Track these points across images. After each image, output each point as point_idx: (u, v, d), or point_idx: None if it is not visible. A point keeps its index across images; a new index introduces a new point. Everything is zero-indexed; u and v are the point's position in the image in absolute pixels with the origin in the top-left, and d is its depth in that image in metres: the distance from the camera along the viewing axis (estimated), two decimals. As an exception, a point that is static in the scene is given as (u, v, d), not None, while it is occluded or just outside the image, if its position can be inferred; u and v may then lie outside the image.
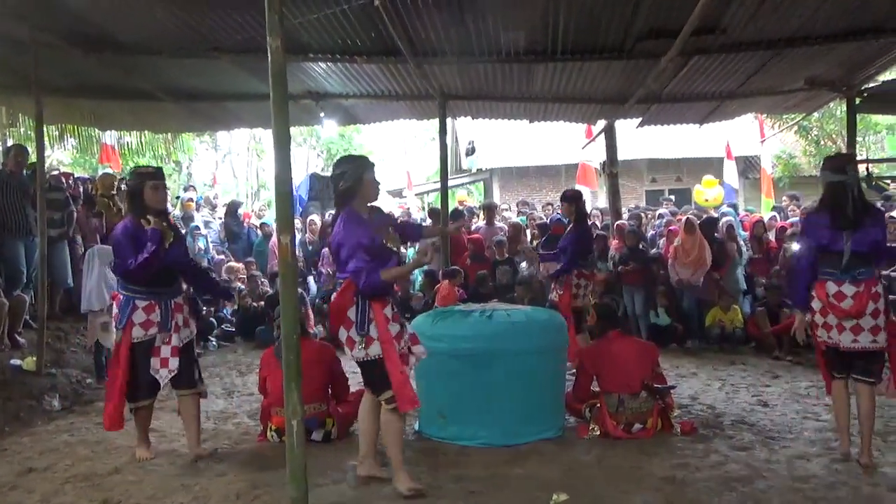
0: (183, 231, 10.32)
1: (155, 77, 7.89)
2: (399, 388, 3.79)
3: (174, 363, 4.45)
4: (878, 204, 10.61)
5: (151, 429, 5.19)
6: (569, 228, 7.24)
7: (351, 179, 3.90)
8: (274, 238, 8.73)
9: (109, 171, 10.70)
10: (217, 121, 10.05)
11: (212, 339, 8.95)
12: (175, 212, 11.16)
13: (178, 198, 11.86)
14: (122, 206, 9.28)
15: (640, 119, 9.70)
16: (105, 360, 7.05)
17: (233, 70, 7.44)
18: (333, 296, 4.05)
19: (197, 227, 10.55)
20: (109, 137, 11.44)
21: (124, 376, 4.42)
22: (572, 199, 7.22)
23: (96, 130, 10.57)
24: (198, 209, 11.65)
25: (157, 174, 4.58)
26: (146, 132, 11.25)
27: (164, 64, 7.38)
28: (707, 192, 13.72)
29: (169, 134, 11.66)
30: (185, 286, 4.79)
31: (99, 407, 5.98)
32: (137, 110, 9.20)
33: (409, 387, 3.85)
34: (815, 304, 4.28)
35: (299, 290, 9.25)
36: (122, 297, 4.47)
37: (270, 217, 11.37)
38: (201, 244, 10.34)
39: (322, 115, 9.23)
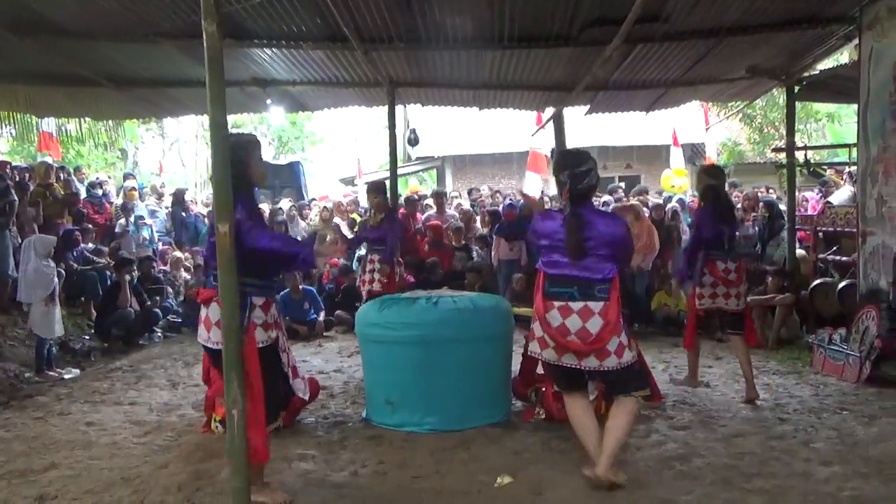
0: (125, 220, 10.17)
1: (94, 62, 7.64)
2: (654, 382, 4.20)
3: (301, 372, 3.79)
4: (816, 189, 10.96)
5: (90, 422, 5.12)
6: (382, 218, 7.24)
7: (595, 178, 3.71)
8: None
9: (48, 159, 10.38)
10: (161, 108, 9.81)
11: (157, 330, 8.78)
12: (116, 201, 10.91)
13: (121, 187, 11.55)
14: (59, 195, 9.05)
15: (587, 106, 9.80)
16: (47, 353, 6.87)
17: (176, 55, 7.26)
18: (600, 306, 3.56)
19: (141, 217, 10.32)
20: (48, 125, 11.08)
21: (261, 391, 3.47)
22: (378, 191, 7.16)
23: (34, 117, 10.23)
24: (141, 198, 11.39)
25: (259, 141, 3.85)
26: (87, 119, 10.92)
27: (103, 48, 7.17)
28: (675, 179, 14.20)
29: (111, 121, 11.34)
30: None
31: (39, 402, 5.84)
32: (77, 96, 8.91)
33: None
34: (707, 279, 5.53)
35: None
36: None
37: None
38: (146, 234, 10.13)
39: (269, 101, 9.09)
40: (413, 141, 14.74)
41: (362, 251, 8.67)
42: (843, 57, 9.81)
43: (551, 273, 3.67)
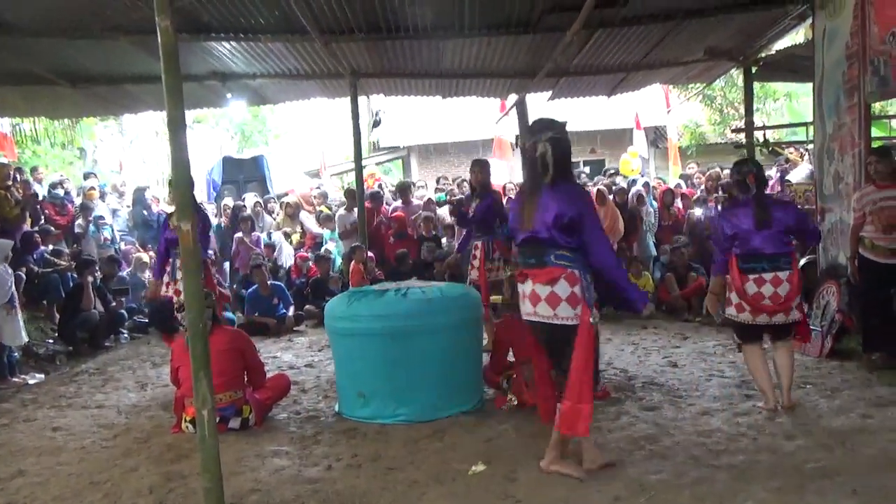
0: (84, 221, 9.96)
1: (48, 60, 7.49)
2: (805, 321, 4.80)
3: None
4: (774, 168, 11.08)
5: (57, 427, 5.04)
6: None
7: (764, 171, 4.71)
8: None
9: (3, 160, 10.12)
10: (119, 105, 9.67)
11: (123, 331, 8.65)
12: (77, 201, 10.70)
13: (81, 187, 11.32)
14: (19, 197, 8.85)
15: (550, 92, 9.85)
16: (8, 360, 6.72)
17: (132, 51, 7.14)
18: (787, 274, 4.48)
19: (101, 217, 10.12)
20: (1, 125, 10.81)
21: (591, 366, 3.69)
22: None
23: (-14, 118, 9.99)
24: (102, 197, 11.17)
25: None
26: (43, 118, 10.69)
27: (57, 46, 7.02)
28: (633, 162, 14.41)
29: (68, 120, 11.12)
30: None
31: (3, 409, 5.73)
32: (30, 95, 8.72)
33: None
34: None
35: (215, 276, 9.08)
36: (576, 272, 3.58)
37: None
38: (107, 234, 9.94)
39: (229, 96, 8.99)
40: (376, 123, 14.62)
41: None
42: (799, 37, 9.98)
43: (743, 252, 4.52)
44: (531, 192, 3.71)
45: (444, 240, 10.23)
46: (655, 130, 18.96)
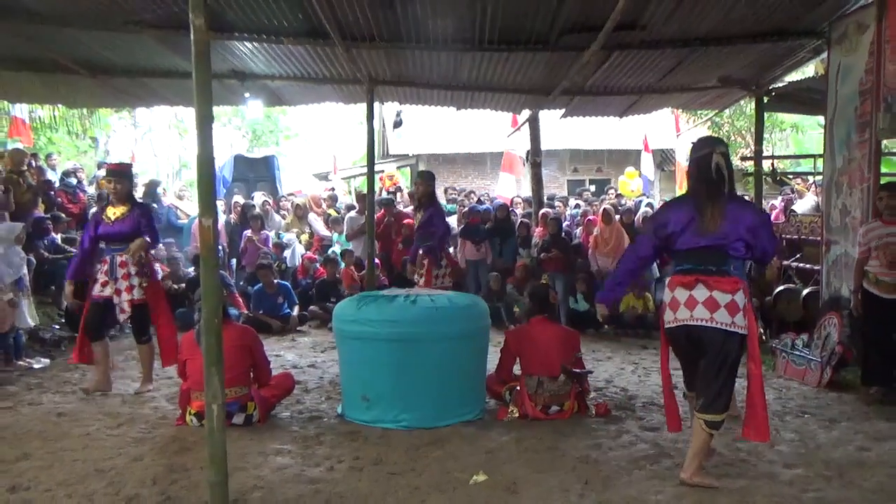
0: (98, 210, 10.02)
1: (70, 49, 7.55)
2: None
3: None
4: (779, 198, 11.14)
5: (61, 413, 5.09)
6: (128, 210, 5.72)
7: None
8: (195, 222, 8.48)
9: (20, 146, 10.20)
10: (136, 97, 9.71)
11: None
12: (90, 190, 10.77)
13: (94, 176, 11.40)
14: (32, 182, 8.92)
15: (563, 110, 9.92)
16: (15, 342, 6.77)
17: (154, 45, 7.20)
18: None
19: (113, 207, 10.18)
20: (20, 111, 10.90)
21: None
22: (120, 175, 5.77)
23: (5, 103, 10.06)
24: (114, 188, 11.24)
25: None
26: (60, 106, 10.76)
27: (80, 36, 7.08)
28: (631, 183, 14.47)
29: (84, 109, 11.20)
30: None
31: (8, 391, 5.78)
32: (50, 83, 8.78)
33: None
34: None
35: (223, 273, 9.17)
36: (746, 285, 3.77)
37: (194, 198, 11.08)
38: (118, 224, 9.99)
39: (247, 95, 9.05)
40: (398, 124, 14.70)
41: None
42: (809, 69, 10.06)
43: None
44: (712, 199, 3.71)
45: (451, 249, 10.28)
46: (663, 153, 19.08)
